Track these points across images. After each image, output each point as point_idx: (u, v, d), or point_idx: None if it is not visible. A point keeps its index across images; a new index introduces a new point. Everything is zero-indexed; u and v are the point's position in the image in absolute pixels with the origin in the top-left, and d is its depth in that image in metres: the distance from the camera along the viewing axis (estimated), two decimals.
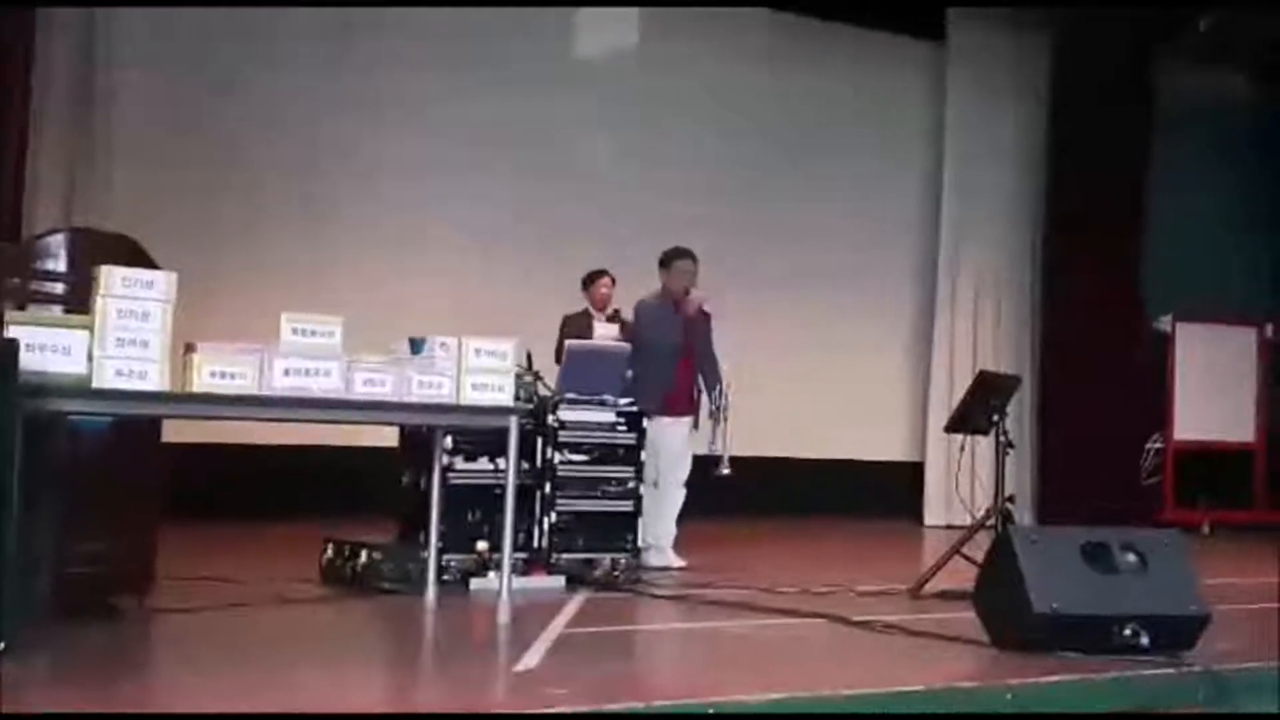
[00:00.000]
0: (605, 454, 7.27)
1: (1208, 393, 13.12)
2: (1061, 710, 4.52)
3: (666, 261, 8.21)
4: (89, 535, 5.27)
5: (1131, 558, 5.28)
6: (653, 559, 7.64)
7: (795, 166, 12.35)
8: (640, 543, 7.43)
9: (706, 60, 11.97)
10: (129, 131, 9.72)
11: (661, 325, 7.99)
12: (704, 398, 8.00)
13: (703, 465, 8.03)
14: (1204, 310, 13.29)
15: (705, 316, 8.15)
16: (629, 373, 7.52)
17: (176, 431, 5.96)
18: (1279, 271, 13.77)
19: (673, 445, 7.99)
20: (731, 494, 11.22)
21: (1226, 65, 12.78)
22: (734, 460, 7.93)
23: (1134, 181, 13.04)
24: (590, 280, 8.98)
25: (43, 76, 9.29)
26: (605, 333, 8.38)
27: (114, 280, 4.84)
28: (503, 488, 5.83)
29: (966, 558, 6.67)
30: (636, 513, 7.28)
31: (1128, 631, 4.98)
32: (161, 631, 5.44)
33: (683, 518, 8.16)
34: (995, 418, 7.36)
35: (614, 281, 9.00)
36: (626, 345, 7.73)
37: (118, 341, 4.79)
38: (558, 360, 7.73)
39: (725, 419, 7.79)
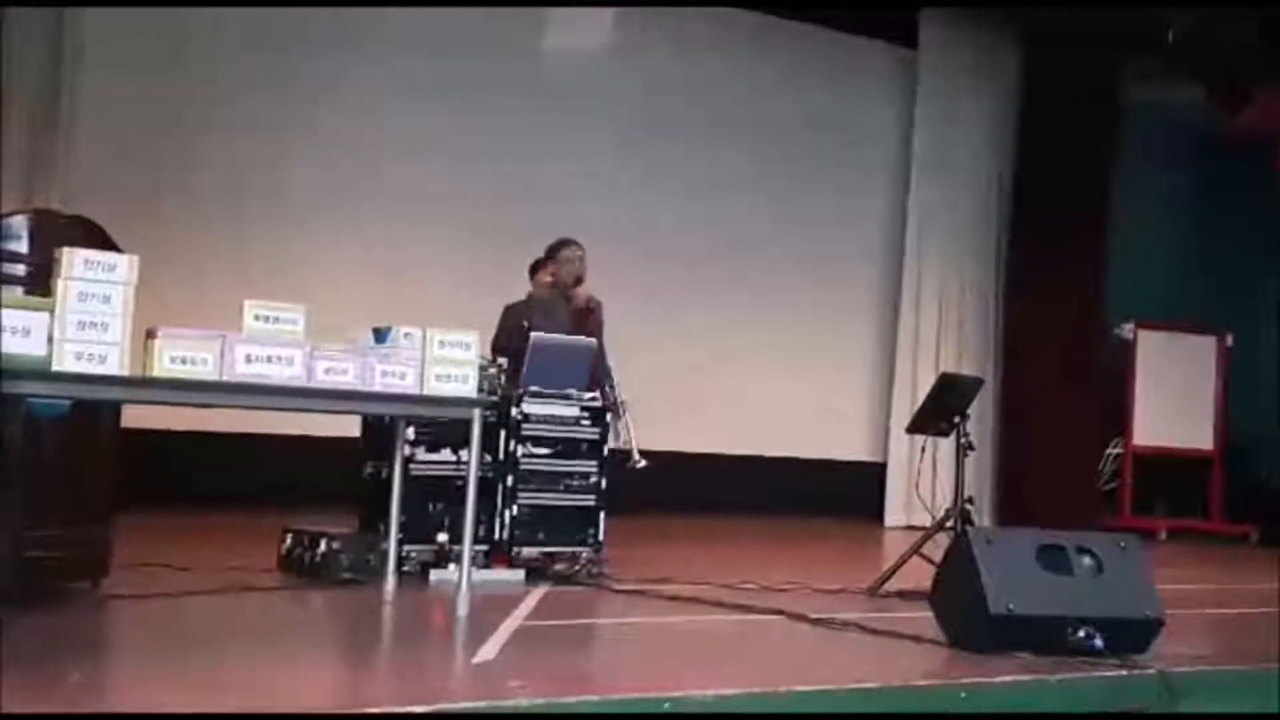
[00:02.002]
0: (568, 448, 7.25)
1: (1167, 400, 13.24)
2: (1015, 710, 4.55)
3: (552, 252, 8.12)
4: (45, 520, 5.23)
5: (1088, 561, 5.33)
6: None
7: (762, 166, 12.38)
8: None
9: (675, 58, 11.97)
10: (92, 114, 9.64)
11: (552, 317, 7.90)
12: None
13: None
14: (1165, 317, 13.41)
15: (592, 309, 7.97)
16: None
17: (136, 417, 5.92)
18: (1240, 280, 13.88)
19: None
20: (693, 490, 11.35)
21: (1191, 76, 12.88)
22: (698, 458, 7.90)
23: (1099, 189, 13.15)
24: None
25: (7, 58, 9.20)
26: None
27: (75, 262, 4.80)
28: (464, 480, 5.81)
29: (925, 558, 6.69)
30: (599, 507, 7.27)
31: (1082, 633, 5.02)
32: (115, 618, 5.40)
33: (643, 513, 8.15)
34: (956, 420, 7.41)
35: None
36: (592, 340, 7.69)
37: (78, 324, 4.75)
38: (493, 352, 7.59)
39: (624, 413, 7.66)
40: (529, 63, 11.44)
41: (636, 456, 7.54)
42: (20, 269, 5.25)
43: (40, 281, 4.98)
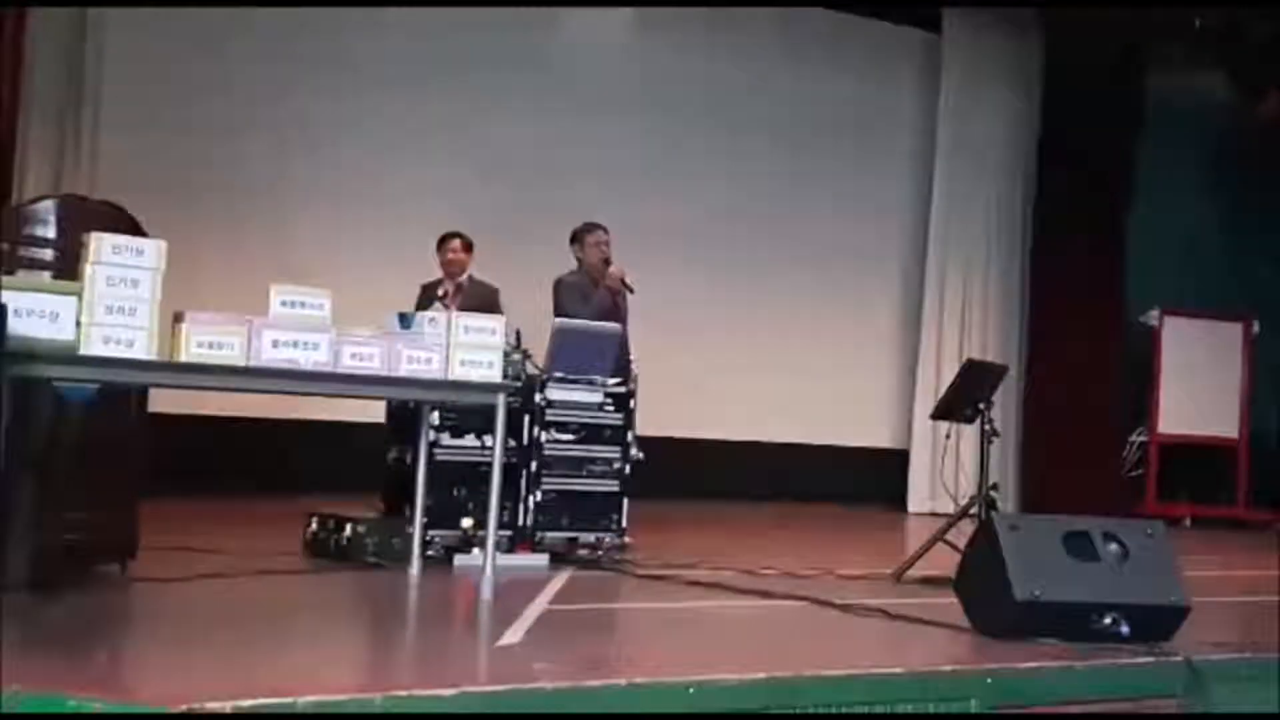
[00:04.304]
0: (592, 434, 7.25)
1: (1192, 387, 13.17)
2: (1040, 696, 4.54)
3: (578, 237, 8.15)
4: (72, 502, 5.26)
5: (1113, 547, 5.30)
6: None
7: (785, 153, 12.35)
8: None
9: (693, 48, 11.94)
10: (119, 101, 9.67)
11: (582, 300, 7.93)
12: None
13: None
14: (1190, 305, 13.35)
15: (628, 289, 8.02)
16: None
17: (163, 402, 5.95)
18: (1265, 266, 13.80)
19: None
20: (717, 477, 11.36)
21: (1214, 66, 12.82)
22: (722, 444, 7.88)
23: (1123, 175, 13.10)
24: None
25: (33, 46, 9.23)
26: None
27: (104, 247, 4.82)
28: (489, 465, 5.83)
29: (950, 544, 6.70)
30: (622, 493, 7.28)
31: (1107, 620, 5.00)
32: (142, 600, 5.43)
33: (667, 500, 8.15)
34: (981, 406, 7.39)
35: (467, 246, 8.37)
36: (617, 326, 7.69)
37: (106, 309, 4.78)
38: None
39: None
40: (546, 52, 11.41)
41: (634, 447, 7.52)
42: (48, 254, 5.27)
43: (69, 266, 5.01)
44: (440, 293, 8.21)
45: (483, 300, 7.94)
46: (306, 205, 10.45)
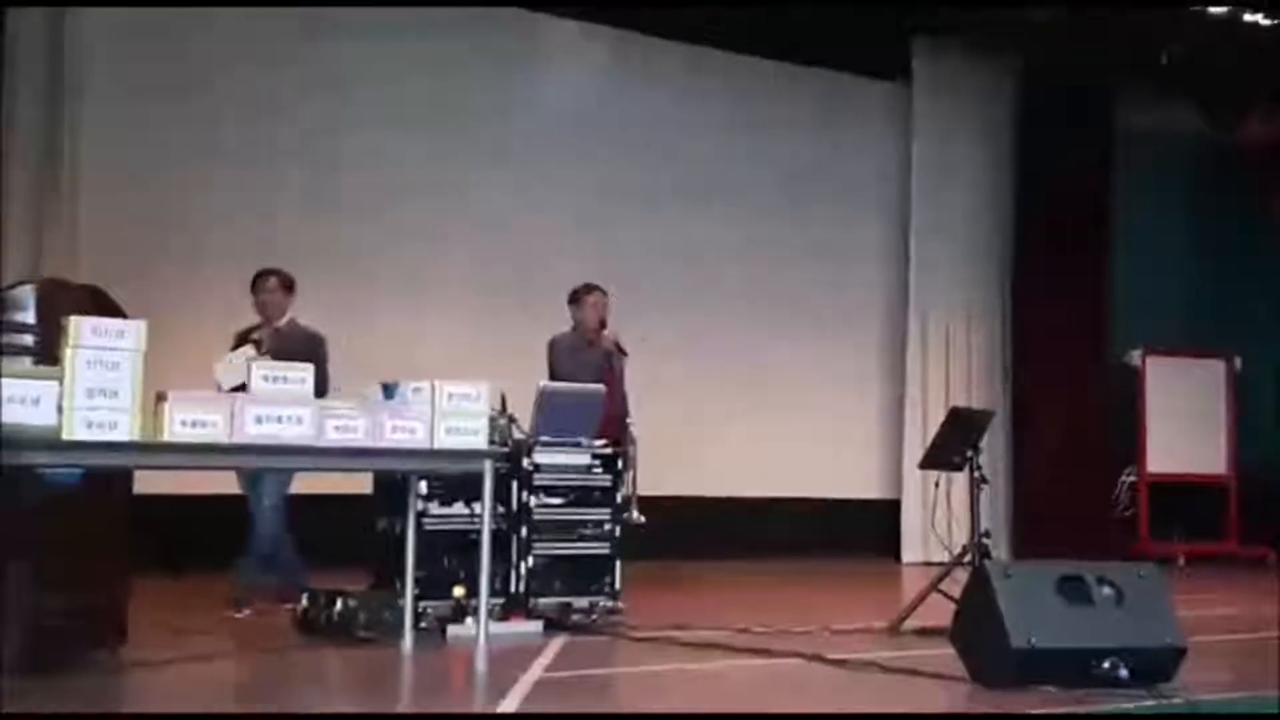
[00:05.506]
0: (581, 496, 7.23)
1: (1178, 425, 13.20)
2: None
3: (576, 298, 8.16)
4: (61, 588, 5.21)
5: (1108, 591, 5.30)
6: None
7: (764, 207, 12.39)
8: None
9: (671, 105, 12.03)
10: (96, 174, 9.64)
11: (576, 361, 7.94)
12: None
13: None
14: (1172, 343, 13.41)
15: (621, 352, 8.04)
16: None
17: (148, 482, 5.91)
18: (1244, 302, 13.87)
19: None
20: (707, 535, 11.30)
21: (1187, 99, 12.96)
22: (710, 501, 7.84)
23: (1100, 214, 13.20)
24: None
25: (8, 121, 9.22)
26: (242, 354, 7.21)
27: (83, 331, 4.81)
28: (478, 532, 5.80)
29: (944, 594, 6.67)
30: (614, 555, 7.24)
31: (1107, 664, 4.99)
32: (136, 685, 5.37)
33: (657, 560, 8.11)
34: (969, 454, 7.39)
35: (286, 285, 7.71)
36: (600, 387, 7.68)
37: (87, 392, 4.76)
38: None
39: (632, 465, 7.58)
40: (537, 105, 11.46)
41: (635, 514, 7.49)
42: (28, 339, 5.26)
43: (48, 351, 4.99)
44: (255, 337, 7.40)
45: (302, 347, 7.16)
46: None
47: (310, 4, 10.33)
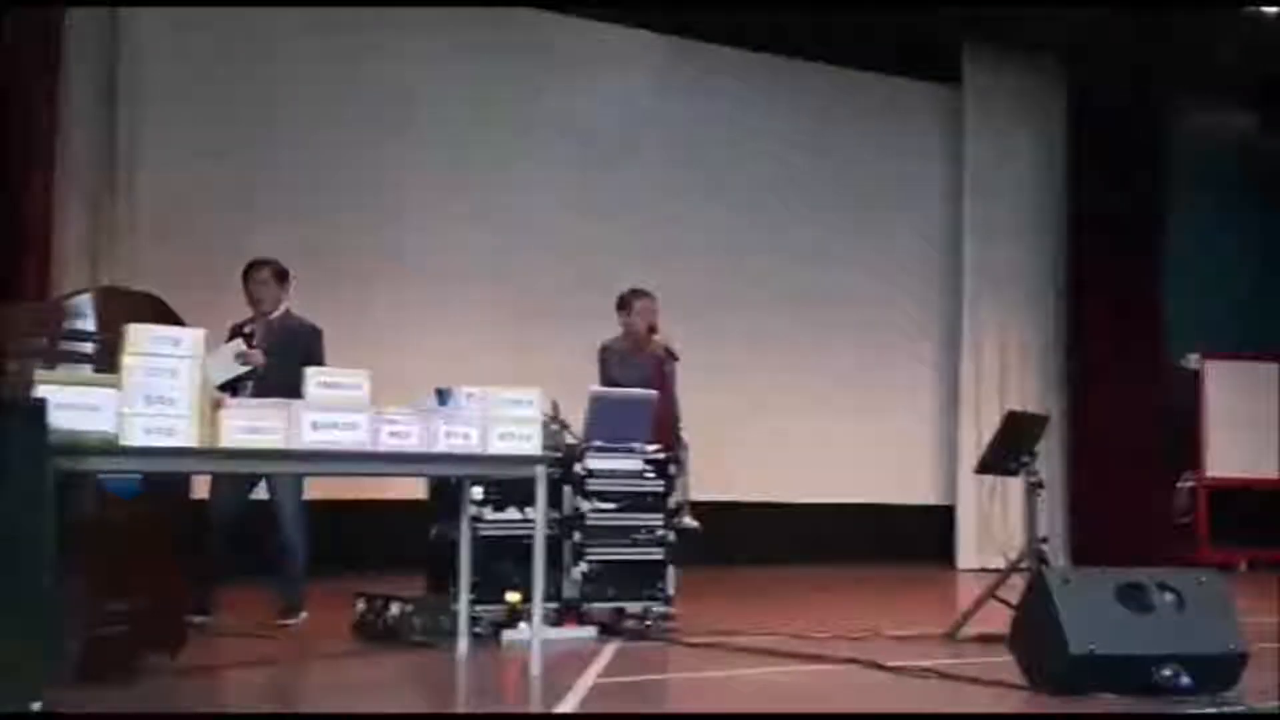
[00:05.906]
0: (634, 501, 7.22)
1: (1238, 429, 13.03)
2: None
3: (625, 303, 8.12)
4: (118, 594, 5.27)
5: (1168, 597, 5.23)
6: None
7: (817, 214, 12.35)
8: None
9: (724, 110, 12.02)
10: (154, 181, 9.71)
11: (626, 367, 7.92)
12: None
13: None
14: (1226, 346, 13.24)
15: (672, 357, 7.97)
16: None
17: (205, 488, 5.96)
18: None
19: None
20: (763, 541, 11.27)
21: (1241, 100, 12.81)
22: (767, 507, 7.79)
23: (1154, 216, 13.06)
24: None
25: (66, 133, 9.31)
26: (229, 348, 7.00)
27: (142, 338, 4.86)
28: (532, 538, 5.82)
29: (1002, 600, 6.61)
30: (667, 561, 7.23)
31: (1168, 671, 4.92)
32: (192, 690, 5.42)
33: (712, 565, 8.09)
34: (1024, 459, 7.32)
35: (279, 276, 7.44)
36: (653, 392, 7.66)
37: (146, 399, 4.81)
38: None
39: (684, 469, 7.58)
40: (581, 111, 11.47)
41: (689, 519, 7.47)
42: (88, 347, 5.32)
43: (108, 358, 5.04)
44: (246, 330, 7.14)
45: (297, 341, 7.05)
46: (336, 281, 10.44)
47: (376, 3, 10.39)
